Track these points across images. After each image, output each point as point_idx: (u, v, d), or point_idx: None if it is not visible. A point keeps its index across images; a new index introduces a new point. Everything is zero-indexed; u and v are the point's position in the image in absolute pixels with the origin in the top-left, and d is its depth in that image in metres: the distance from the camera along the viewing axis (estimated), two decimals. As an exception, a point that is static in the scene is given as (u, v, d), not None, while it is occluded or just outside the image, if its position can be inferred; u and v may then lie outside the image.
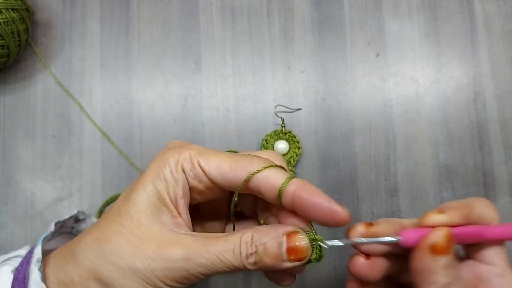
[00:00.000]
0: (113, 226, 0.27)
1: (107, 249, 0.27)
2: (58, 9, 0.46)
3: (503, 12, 0.46)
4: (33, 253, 0.29)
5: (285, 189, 0.27)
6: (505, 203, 0.43)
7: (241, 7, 0.46)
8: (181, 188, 0.28)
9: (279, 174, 0.27)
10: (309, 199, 0.26)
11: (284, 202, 0.27)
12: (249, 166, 0.27)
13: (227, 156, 0.28)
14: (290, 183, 0.27)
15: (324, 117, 0.44)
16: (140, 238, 0.26)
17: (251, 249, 0.26)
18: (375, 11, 0.46)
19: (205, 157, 0.28)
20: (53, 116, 0.44)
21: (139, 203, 0.27)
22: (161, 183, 0.27)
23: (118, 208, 0.28)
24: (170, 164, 0.28)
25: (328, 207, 0.26)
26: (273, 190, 0.27)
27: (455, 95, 0.45)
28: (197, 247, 0.26)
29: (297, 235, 0.26)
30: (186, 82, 0.45)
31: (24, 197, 0.43)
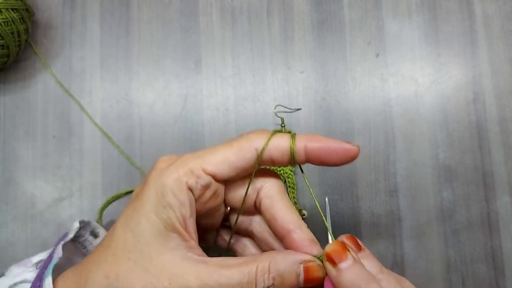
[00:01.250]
0: (124, 263, 0.26)
1: (118, 287, 0.26)
2: (58, 10, 0.46)
3: (503, 12, 0.46)
4: (42, 283, 0.28)
5: (295, 147, 0.28)
6: (505, 203, 0.43)
7: (241, 7, 0.46)
8: (188, 208, 0.27)
9: (283, 137, 0.28)
10: (322, 146, 0.28)
11: (298, 158, 0.28)
12: (254, 144, 0.28)
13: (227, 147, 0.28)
14: (298, 139, 0.28)
15: (324, 117, 0.44)
16: (152, 273, 0.26)
17: (268, 281, 0.25)
18: (374, 11, 0.46)
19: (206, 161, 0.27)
20: (53, 116, 0.44)
21: (146, 235, 0.26)
22: (165, 212, 0.26)
23: (123, 242, 0.27)
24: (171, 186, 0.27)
25: (341, 147, 0.28)
26: (285, 153, 0.28)
27: (455, 95, 0.45)
28: (210, 281, 0.25)
29: (314, 265, 0.26)
30: (186, 82, 0.45)
31: (24, 197, 0.43)
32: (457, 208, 0.43)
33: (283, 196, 0.29)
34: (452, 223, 0.43)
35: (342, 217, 0.43)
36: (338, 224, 0.43)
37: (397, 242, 0.43)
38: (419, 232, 0.43)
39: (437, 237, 0.43)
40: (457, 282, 0.42)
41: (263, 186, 0.29)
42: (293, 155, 0.28)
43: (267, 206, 0.29)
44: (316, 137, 0.28)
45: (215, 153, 0.28)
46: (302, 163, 0.29)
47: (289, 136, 0.28)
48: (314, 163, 0.29)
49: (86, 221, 0.38)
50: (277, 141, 0.28)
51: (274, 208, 0.29)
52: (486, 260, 0.42)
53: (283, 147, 0.28)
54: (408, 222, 0.43)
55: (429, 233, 0.43)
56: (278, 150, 0.28)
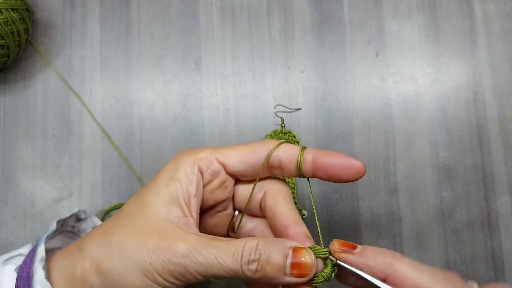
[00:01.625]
0: (122, 221, 0.28)
1: (112, 240, 0.27)
2: (58, 9, 0.46)
3: (503, 12, 0.46)
4: (36, 252, 0.29)
5: (303, 157, 0.29)
6: (505, 203, 0.43)
7: (241, 7, 0.46)
8: (194, 188, 0.29)
9: (294, 147, 0.30)
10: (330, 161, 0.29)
11: (305, 170, 0.30)
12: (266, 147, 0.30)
13: (243, 146, 0.31)
14: (306, 152, 0.30)
15: (324, 116, 0.44)
16: (146, 233, 0.27)
17: (254, 255, 0.26)
18: (375, 11, 0.46)
19: (222, 152, 0.30)
20: (53, 116, 0.44)
21: (151, 204, 0.28)
22: (174, 185, 0.28)
23: (130, 207, 0.29)
24: (184, 165, 0.29)
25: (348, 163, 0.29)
26: (293, 160, 0.30)
27: (455, 95, 0.45)
28: (197, 246, 0.26)
29: (304, 251, 0.26)
30: (186, 82, 0.45)
31: (24, 196, 0.43)
32: (457, 207, 0.43)
33: (287, 199, 0.31)
34: (452, 223, 0.43)
35: (342, 217, 0.43)
36: (338, 224, 0.43)
37: (397, 242, 0.43)
38: (419, 232, 0.43)
39: (437, 236, 0.43)
40: (457, 282, 0.42)
41: (269, 188, 0.31)
42: (300, 165, 0.30)
43: (270, 204, 0.30)
44: (325, 151, 0.30)
45: (231, 148, 0.30)
46: (309, 175, 0.30)
47: (299, 148, 0.30)
48: (321, 177, 0.30)
49: (87, 213, 0.38)
50: (288, 148, 0.30)
51: (276, 206, 0.30)
52: (486, 259, 0.42)
53: (292, 154, 0.30)
54: (408, 221, 0.43)
55: (429, 232, 0.43)
56: (287, 156, 0.30)
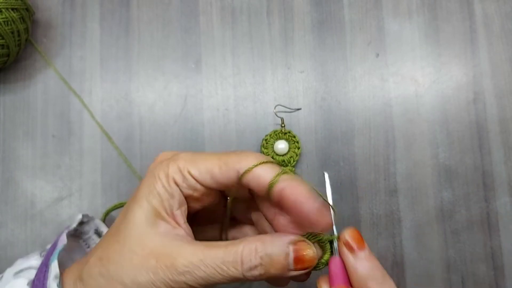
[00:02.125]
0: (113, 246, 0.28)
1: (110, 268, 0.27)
2: (58, 9, 0.46)
3: (503, 12, 0.46)
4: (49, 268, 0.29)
5: (275, 187, 0.27)
6: (505, 203, 0.43)
7: (241, 7, 0.46)
8: (176, 201, 0.28)
9: (268, 171, 0.27)
10: (296, 202, 0.26)
11: (274, 200, 0.27)
12: (238, 165, 0.27)
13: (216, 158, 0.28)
14: (280, 180, 0.26)
15: (324, 117, 0.44)
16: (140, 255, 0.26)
17: (255, 261, 0.25)
18: (375, 11, 0.46)
19: (194, 165, 0.28)
20: (53, 116, 0.44)
21: (136, 219, 0.27)
22: (154, 199, 0.28)
23: (117, 226, 0.28)
24: (161, 178, 0.28)
25: (313, 213, 0.26)
26: (263, 187, 0.27)
27: (455, 95, 0.45)
28: (195, 260, 0.26)
29: (304, 243, 0.26)
30: (186, 82, 0.45)
31: (24, 197, 0.43)
32: (457, 208, 0.43)
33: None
34: (452, 223, 0.43)
35: (342, 217, 0.43)
36: (338, 224, 0.43)
37: (397, 242, 0.43)
38: (419, 232, 0.43)
39: (437, 237, 0.43)
40: (457, 282, 0.42)
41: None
42: (271, 192, 0.27)
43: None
44: (299, 189, 0.27)
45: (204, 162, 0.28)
46: (275, 203, 0.28)
47: (276, 171, 0.27)
48: (287, 213, 0.28)
49: (90, 216, 0.38)
50: (260, 172, 0.27)
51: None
52: (486, 260, 0.42)
53: (262, 181, 0.27)
54: (408, 222, 0.43)
55: (429, 233, 0.43)
56: (257, 182, 0.27)
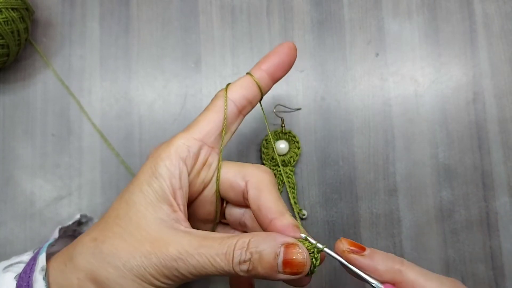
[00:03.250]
0: (112, 228, 0.28)
1: (104, 249, 0.27)
2: (58, 9, 0.46)
3: (503, 12, 0.46)
4: (36, 261, 0.29)
5: (258, 77, 0.31)
6: (504, 203, 0.43)
7: (241, 7, 0.46)
8: (178, 179, 0.28)
9: (242, 80, 0.32)
10: (276, 62, 0.32)
11: (265, 85, 0.32)
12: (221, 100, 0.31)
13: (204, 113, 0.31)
14: (255, 70, 0.32)
15: (324, 116, 0.44)
16: (137, 239, 0.27)
17: (245, 256, 0.25)
18: (374, 11, 0.46)
19: (195, 129, 0.30)
20: (52, 115, 0.44)
21: (137, 204, 0.27)
22: (156, 181, 0.28)
23: (116, 210, 0.28)
24: (163, 159, 0.28)
25: (284, 52, 0.32)
26: (255, 88, 0.32)
27: (455, 95, 0.45)
28: (190, 249, 0.26)
29: (296, 248, 0.26)
30: (186, 81, 0.45)
31: (23, 196, 0.43)
32: (456, 208, 0.43)
33: (271, 189, 0.29)
34: (452, 223, 0.43)
35: (341, 216, 0.43)
36: (338, 224, 0.43)
37: (397, 242, 0.43)
38: (418, 232, 0.43)
39: (437, 237, 0.43)
40: (456, 282, 0.42)
41: (251, 179, 0.30)
42: (260, 87, 0.31)
43: (254, 197, 0.29)
44: (265, 58, 0.32)
45: (198, 121, 0.30)
46: (269, 88, 0.32)
47: (247, 76, 0.32)
48: (277, 79, 0.32)
49: (89, 216, 0.38)
50: (240, 83, 0.31)
51: (260, 198, 0.29)
52: (485, 260, 0.42)
53: (248, 84, 0.31)
54: (408, 222, 0.43)
55: (428, 233, 0.43)
56: (246, 88, 0.31)
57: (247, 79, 0.31)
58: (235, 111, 0.31)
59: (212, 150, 0.30)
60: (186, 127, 0.30)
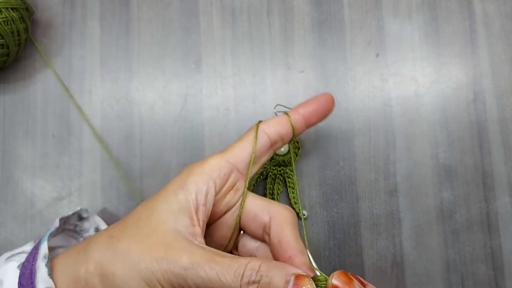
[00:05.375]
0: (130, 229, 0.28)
1: (118, 246, 0.27)
2: (58, 9, 0.46)
3: (503, 12, 0.46)
4: (39, 249, 0.29)
5: (294, 119, 0.34)
6: (505, 203, 0.43)
7: (241, 7, 0.46)
8: (203, 196, 0.29)
9: (280, 117, 0.35)
10: (313, 109, 0.35)
11: (299, 128, 0.35)
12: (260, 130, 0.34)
13: (240, 141, 0.34)
14: (292, 113, 0.35)
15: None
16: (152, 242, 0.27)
17: (255, 276, 0.25)
18: (375, 11, 0.46)
19: (230, 152, 0.32)
20: (53, 115, 0.44)
21: (160, 212, 0.28)
22: (183, 193, 0.29)
23: (138, 214, 0.29)
24: (194, 174, 0.29)
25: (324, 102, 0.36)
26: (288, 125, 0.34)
27: (455, 95, 0.45)
28: (201, 261, 0.26)
29: (306, 279, 0.26)
30: (186, 82, 0.45)
31: (23, 196, 0.43)
32: (457, 208, 0.43)
33: (294, 227, 0.31)
34: (452, 223, 0.43)
35: (342, 217, 0.43)
36: (338, 224, 0.43)
37: (397, 242, 0.43)
38: (419, 232, 0.43)
39: (437, 237, 0.43)
40: (457, 282, 0.42)
41: (276, 215, 0.31)
42: (293, 128, 0.34)
43: (276, 232, 0.30)
44: (305, 104, 0.35)
45: (233, 147, 0.32)
46: (302, 131, 0.35)
47: (285, 115, 0.34)
48: (314, 122, 0.35)
49: (90, 211, 0.38)
50: (277, 120, 0.34)
51: (282, 234, 0.30)
52: (486, 260, 0.42)
53: (284, 122, 0.33)
54: (408, 222, 0.43)
55: (429, 233, 0.43)
56: (282, 125, 0.33)
57: (284, 118, 0.34)
58: (268, 144, 0.33)
59: (241, 177, 0.32)
60: (222, 150, 0.32)
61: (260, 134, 0.33)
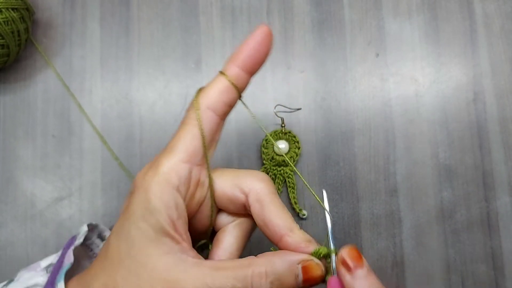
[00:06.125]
0: (119, 271, 0.26)
1: None
2: (58, 9, 0.46)
3: (503, 12, 0.46)
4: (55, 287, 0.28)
5: (229, 73, 0.29)
6: (505, 203, 0.43)
7: (241, 7, 0.46)
8: (174, 210, 0.26)
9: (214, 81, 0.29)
10: (249, 53, 0.29)
11: (241, 81, 0.29)
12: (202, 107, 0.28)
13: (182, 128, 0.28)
14: (226, 68, 0.29)
15: (324, 117, 0.44)
16: (146, 280, 0.25)
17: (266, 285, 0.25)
18: (375, 11, 0.46)
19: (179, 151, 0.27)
20: (53, 116, 0.44)
21: (138, 242, 0.26)
22: (152, 216, 0.26)
23: (117, 249, 0.27)
24: (154, 191, 0.26)
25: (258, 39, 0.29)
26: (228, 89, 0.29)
27: (455, 95, 0.45)
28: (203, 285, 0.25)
29: (312, 264, 0.26)
30: (186, 82, 0.45)
31: (24, 197, 0.43)
32: (457, 208, 0.43)
33: (273, 199, 0.28)
34: (452, 223, 0.43)
35: (342, 217, 0.43)
36: (338, 224, 0.43)
37: (397, 242, 0.43)
38: (419, 232, 0.43)
39: (437, 237, 0.43)
40: (457, 282, 0.42)
41: (251, 191, 0.28)
42: (236, 87, 0.29)
43: (257, 212, 0.28)
44: (237, 53, 0.29)
45: (180, 139, 0.28)
46: (247, 83, 0.30)
47: (221, 77, 0.28)
48: (254, 72, 0.30)
49: (94, 224, 0.37)
50: (215, 88, 0.28)
51: (264, 214, 0.28)
52: (486, 260, 0.42)
53: (223, 86, 0.28)
54: (408, 222, 0.43)
55: (429, 233, 0.43)
56: (222, 91, 0.28)
57: (221, 80, 0.28)
58: (216, 120, 0.28)
59: (202, 168, 0.28)
60: (168, 145, 0.28)
61: (204, 113, 0.28)
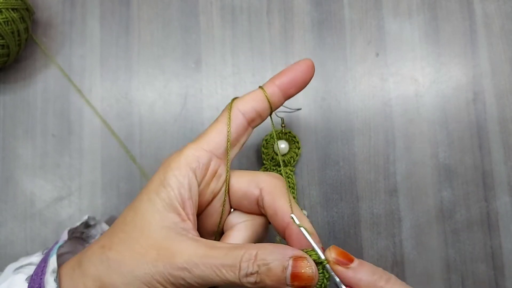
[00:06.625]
0: (118, 234, 0.28)
1: (111, 256, 0.27)
2: (58, 9, 0.46)
3: (503, 12, 0.46)
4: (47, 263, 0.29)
5: (269, 91, 0.31)
6: (504, 203, 0.43)
7: (241, 7, 0.46)
8: (187, 190, 0.28)
9: (254, 91, 0.31)
10: (290, 78, 0.31)
11: (277, 101, 0.32)
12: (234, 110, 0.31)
13: (214, 124, 0.31)
14: (267, 86, 0.31)
15: (324, 117, 0.44)
16: (143, 246, 0.27)
17: (252, 268, 0.25)
18: (375, 11, 0.46)
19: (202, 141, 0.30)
20: (53, 115, 0.44)
21: (144, 212, 0.28)
22: (164, 190, 0.28)
23: (124, 218, 0.29)
24: (173, 169, 0.28)
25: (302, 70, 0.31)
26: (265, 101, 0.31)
27: (455, 95, 0.45)
28: (196, 259, 0.26)
29: (305, 261, 0.26)
30: (186, 81, 0.45)
31: (23, 196, 0.43)
32: (456, 207, 0.43)
33: (285, 192, 0.30)
34: (452, 223, 0.43)
35: (342, 217, 0.43)
36: (338, 224, 0.43)
37: (397, 242, 0.43)
38: (419, 232, 0.43)
39: (437, 236, 0.43)
40: (457, 282, 0.42)
41: (265, 185, 0.30)
42: (270, 102, 0.31)
43: (269, 201, 0.30)
44: (280, 75, 0.32)
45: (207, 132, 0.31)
46: (281, 103, 0.32)
47: (259, 90, 0.31)
48: (290, 96, 0.32)
49: (96, 219, 0.38)
50: (251, 96, 0.31)
51: (275, 203, 0.29)
52: (486, 260, 0.42)
53: (259, 97, 0.31)
54: (408, 222, 0.43)
55: (429, 232, 0.43)
56: (257, 101, 0.31)
57: (258, 92, 0.31)
58: (244, 123, 0.31)
59: (222, 162, 0.30)
60: (197, 137, 0.31)
61: (235, 114, 0.31)
